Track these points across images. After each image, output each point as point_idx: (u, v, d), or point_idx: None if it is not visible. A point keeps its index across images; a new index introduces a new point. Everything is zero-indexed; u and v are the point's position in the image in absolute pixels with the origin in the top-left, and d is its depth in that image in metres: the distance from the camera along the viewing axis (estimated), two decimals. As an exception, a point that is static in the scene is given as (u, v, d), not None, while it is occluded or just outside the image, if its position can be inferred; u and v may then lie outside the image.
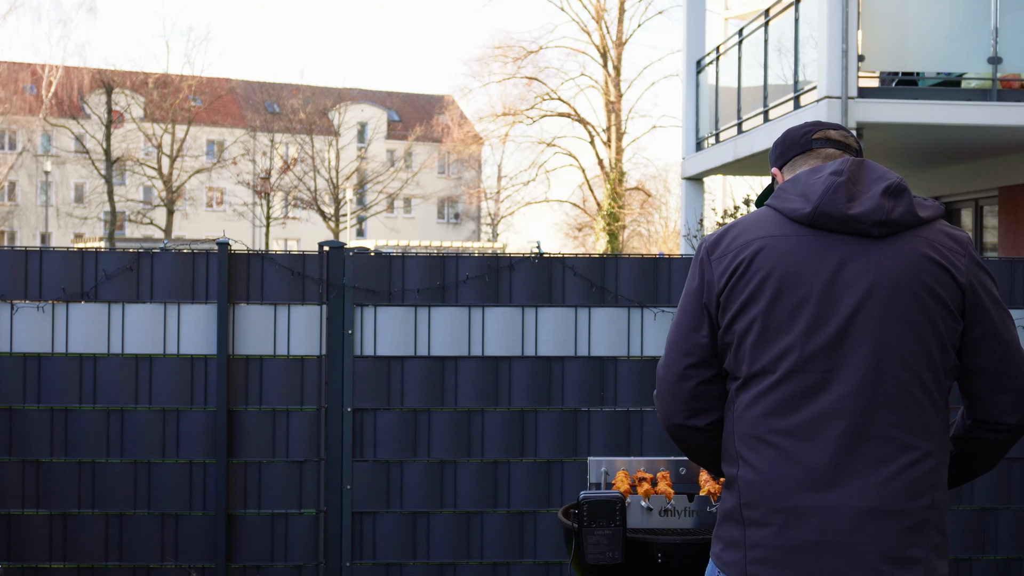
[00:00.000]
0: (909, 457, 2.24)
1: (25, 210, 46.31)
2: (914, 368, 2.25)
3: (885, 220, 2.25)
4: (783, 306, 2.25)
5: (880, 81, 10.81)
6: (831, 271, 2.24)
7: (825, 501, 2.19)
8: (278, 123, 43.88)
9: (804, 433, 2.21)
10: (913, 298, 2.23)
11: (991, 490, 5.33)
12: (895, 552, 2.20)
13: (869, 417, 2.21)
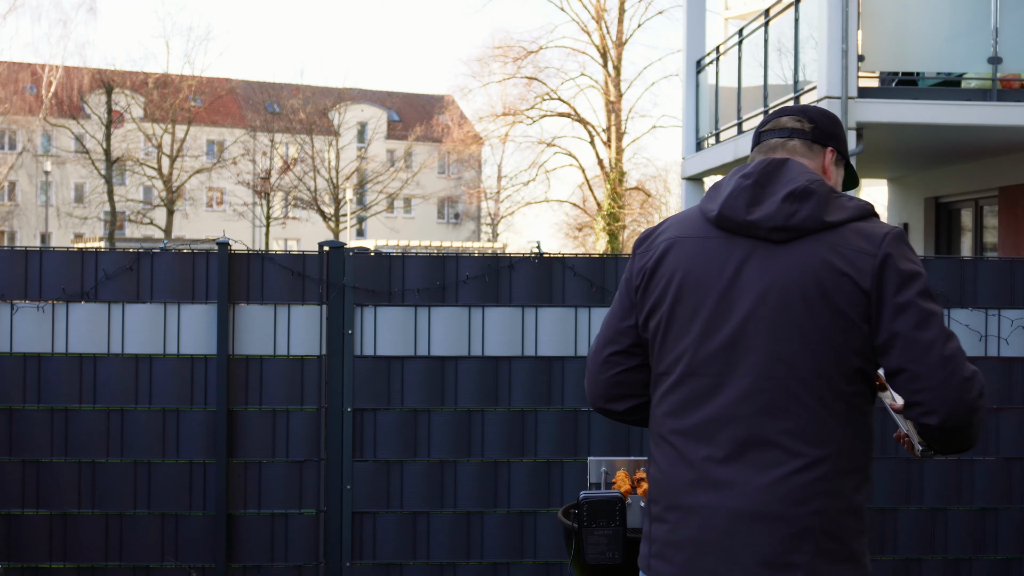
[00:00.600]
0: (796, 464, 2.23)
1: (25, 210, 46.32)
2: (803, 376, 2.23)
3: (783, 225, 2.27)
4: (684, 308, 2.32)
5: (880, 81, 10.81)
6: (730, 275, 2.28)
7: (707, 501, 2.25)
8: (278, 123, 43.89)
9: (698, 435, 2.28)
10: (804, 305, 2.23)
11: (991, 490, 5.33)
12: (773, 556, 2.21)
13: (757, 423, 2.24)
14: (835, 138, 2.48)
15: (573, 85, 40.09)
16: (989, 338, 5.34)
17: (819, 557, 2.22)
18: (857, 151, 9.87)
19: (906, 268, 2.24)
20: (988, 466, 5.35)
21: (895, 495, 5.32)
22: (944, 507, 5.33)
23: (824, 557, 2.23)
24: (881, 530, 5.32)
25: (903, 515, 5.32)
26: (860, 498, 2.30)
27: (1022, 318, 5.34)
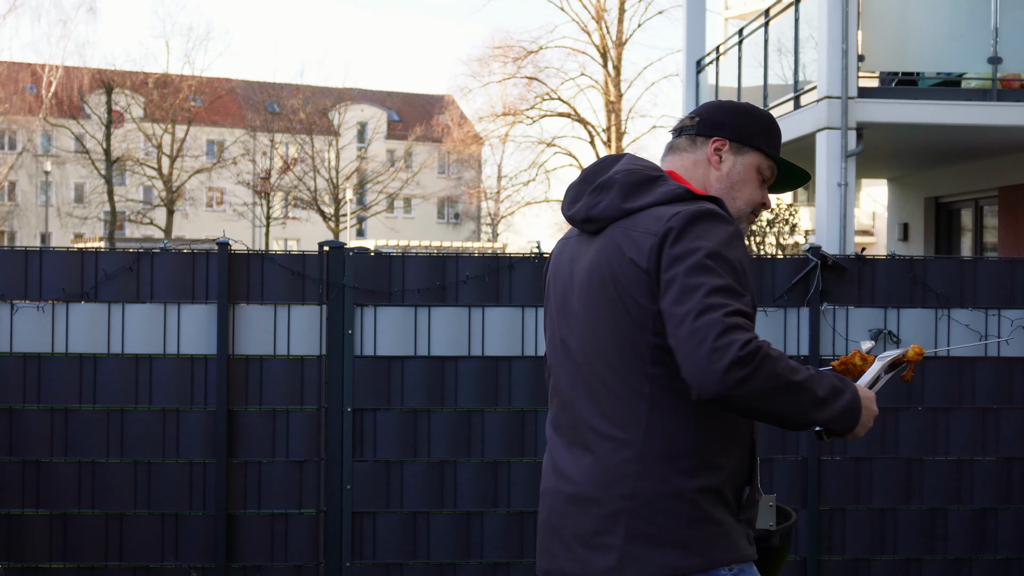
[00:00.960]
0: (606, 447, 2.31)
1: (25, 210, 46.28)
2: (607, 360, 2.31)
3: (587, 216, 2.39)
4: (549, 307, 2.52)
5: (880, 81, 10.80)
6: (568, 272, 2.45)
7: (552, 485, 2.42)
8: (278, 123, 43.85)
9: (554, 424, 2.47)
10: (600, 291, 2.32)
11: (991, 490, 5.33)
12: (589, 537, 2.31)
13: (581, 409, 2.36)
14: (722, 127, 2.48)
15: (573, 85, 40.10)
16: (989, 338, 5.34)
17: (634, 540, 2.26)
18: (857, 151, 9.87)
19: (682, 244, 2.23)
20: (988, 466, 5.34)
21: (895, 495, 5.32)
22: (944, 507, 5.33)
23: (640, 541, 2.26)
24: (881, 530, 5.32)
25: (903, 515, 5.32)
26: (693, 483, 2.27)
27: (1022, 318, 5.34)
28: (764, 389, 2.13)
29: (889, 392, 5.30)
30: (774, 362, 2.14)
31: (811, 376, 2.20)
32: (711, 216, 2.28)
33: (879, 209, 24.45)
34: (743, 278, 2.25)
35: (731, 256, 2.23)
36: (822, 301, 5.31)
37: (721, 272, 2.20)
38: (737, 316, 2.15)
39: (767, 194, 2.55)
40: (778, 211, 12.95)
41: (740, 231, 2.35)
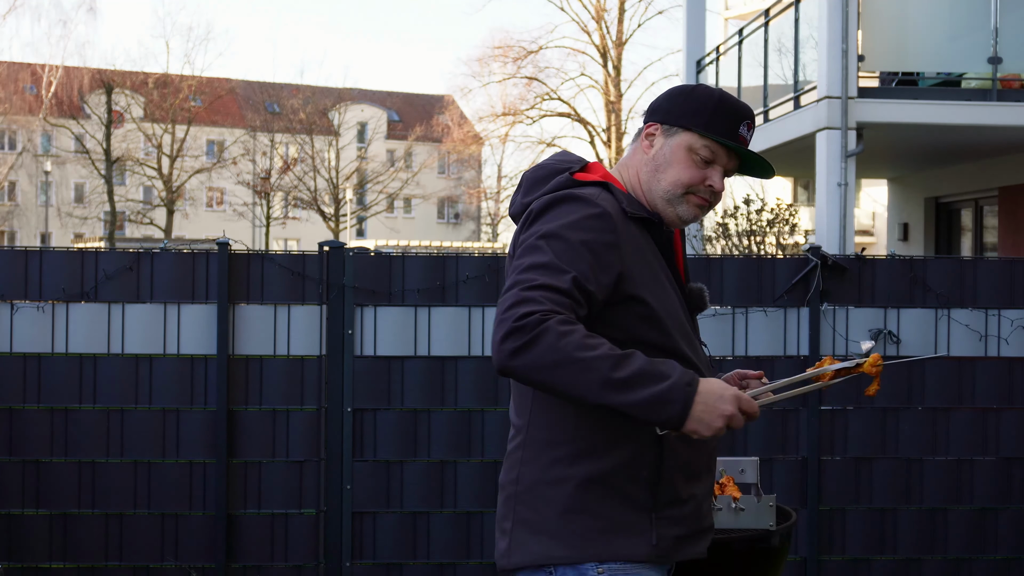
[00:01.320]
0: (510, 434, 2.41)
1: (25, 210, 46.28)
2: None
3: (513, 213, 2.44)
4: None
5: (880, 81, 10.81)
6: None
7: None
8: (278, 123, 43.84)
9: None
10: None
11: (991, 490, 5.33)
12: (498, 521, 2.39)
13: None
14: (656, 111, 2.44)
15: (573, 85, 40.14)
16: (989, 338, 5.34)
17: (520, 526, 2.30)
18: (857, 151, 9.87)
19: (530, 229, 2.26)
20: (988, 466, 5.34)
21: (895, 495, 5.32)
22: (944, 507, 5.33)
23: (523, 527, 2.29)
24: (881, 530, 5.32)
25: (903, 515, 5.32)
26: (573, 472, 2.25)
27: (1022, 318, 5.34)
28: (540, 362, 2.07)
29: (889, 392, 5.31)
30: (558, 336, 2.07)
31: (610, 356, 2.08)
32: (568, 200, 2.28)
33: (879, 209, 24.45)
34: (581, 258, 2.19)
35: (572, 236, 2.21)
36: (822, 301, 5.31)
37: (548, 251, 2.19)
38: (538, 290, 2.13)
39: (713, 175, 2.39)
40: (778, 211, 12.94)
41: (603, 213, 2.26)
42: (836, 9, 9.85)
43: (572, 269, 2.17)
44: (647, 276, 2.31)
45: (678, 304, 2.39)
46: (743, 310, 5.30)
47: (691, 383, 2.11)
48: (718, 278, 5.29)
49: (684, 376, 2.12)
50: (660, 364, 2.12)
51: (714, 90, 2.44)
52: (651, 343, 2.28)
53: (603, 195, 2.33)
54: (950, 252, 13.60)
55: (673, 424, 2.10)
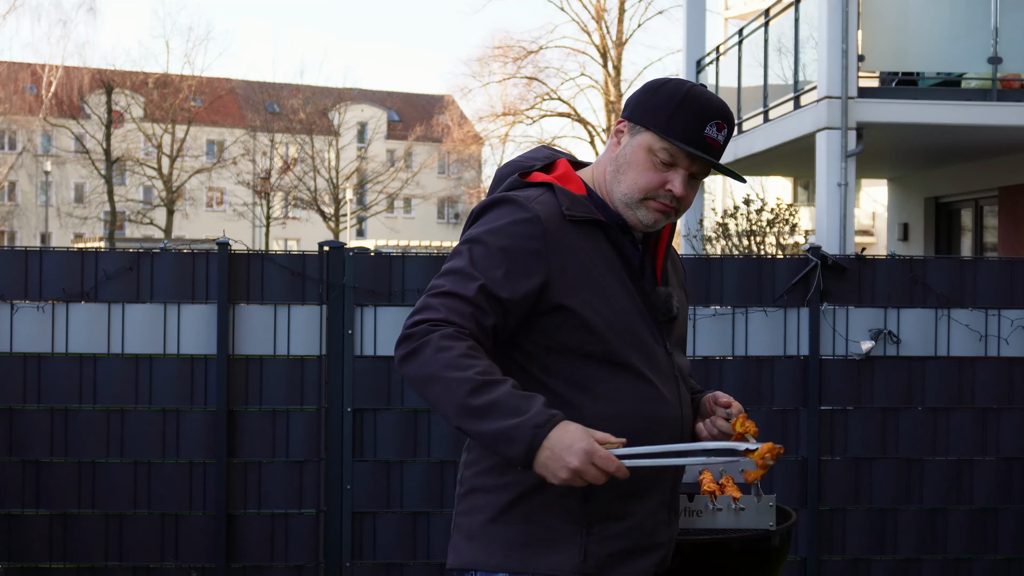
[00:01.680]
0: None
1: (25, 210, 46.28)
2: None
3: None
4: None
5: (880, 81, 10.81)
6: None
7: None
8: (278, 123, 43.84)
9: None
10: None
11: (991, 490, 5.33)
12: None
13: None
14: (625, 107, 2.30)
15: (573, 85, 40.12)
16: (989, 338, 5.34)
17: (457, 529, 2.30)
18: (857, 151, 9.87)
19: (467, 231, 2.23)
20: (988, 466, 5.34)
21: (895, 495, 5.32)
22: (944, 507, 5.33)
23: (459, 530, 2.29)
24: (881, 530, 5.32)
25: (903, 515, 5.32)
26: (503, 481, 2.21)
27: (1022, 318, 5.34)
28: (417, 374, 2.06)
29: (889, 392, 5.31)
30: (435, 350, 2.03)
31: (472, 381, 2.01)
32: (502, 203, 2.22)
33: (879, 209, 24.45)
34: (496, 264, 2.14)
35: (493, 242, 2.16)
36: (822, 301, 5.31)
37: (466, 255, 2.16)
38: (440, 297, 2.11)
39: (674, 179, 2.22)
40: (778, 211, 12.94)
41: (532, 219, 2.17)
42: (836, 9, 9.86)
43: (482, 276, 2.12)
44: (583, 283, 2.19)
45: (631, 311, 2.25)
46: (743, 310, 5.30)
47: (541, 425, 1.98)
48: (718, 278, 5.29)
49: (537, 417, 1.99)
50: (523, 398, 2.01)
51: (684, 86, 2.24)
52: (587, 353, 2.19)
53: (543, 197, 2.22)
54: (950, 252, 13.61)
55: (520, 463, 2.01)
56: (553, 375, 2.20)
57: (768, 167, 14.87)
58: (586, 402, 2.19)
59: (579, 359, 2.19)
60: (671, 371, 2.32)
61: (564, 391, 2.20)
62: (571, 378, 2.20)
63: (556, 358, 2.20)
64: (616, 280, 2.24)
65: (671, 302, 2.33)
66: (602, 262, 2.24)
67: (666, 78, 2.29)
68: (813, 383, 5.27)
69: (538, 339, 2.19)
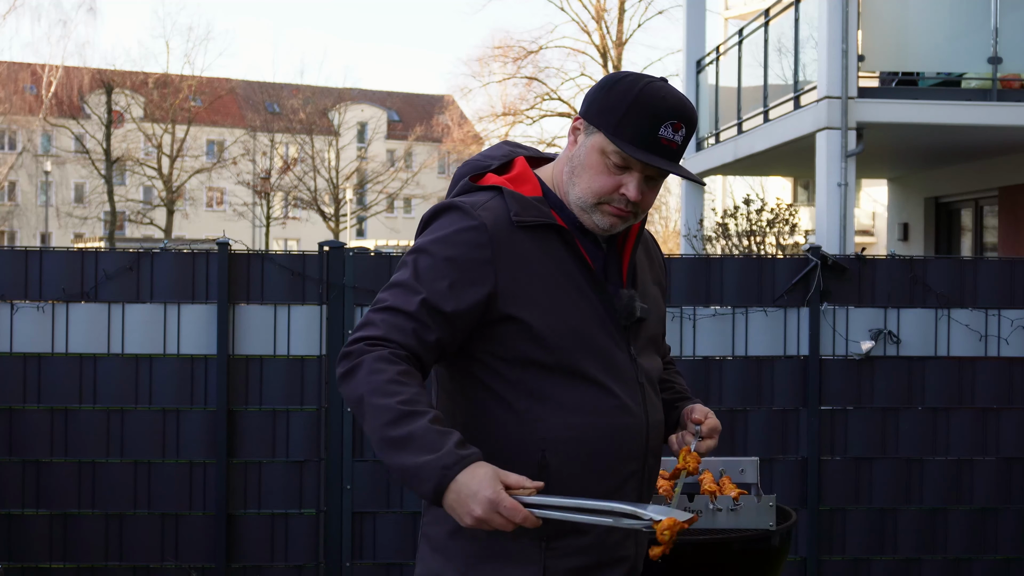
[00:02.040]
0: None
1: (25, 210, 46.28)
2: None
3: None
4: None
5: (880, 81, 10.81)
6: None
7: None
8: (278, 123, 43.83)
9: None
10: None
11: (991, 490, 5.33)
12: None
13: None
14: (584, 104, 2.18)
15: (573, 85, 40.09)
16: (989, 338, 5.34)
17: (423, 539, 2.26)
18: (857, 151, 9.88)
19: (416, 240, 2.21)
20: (988, 466, 5.34)
21: (895, 495, 5.32)
22: (944, 507, 5.33)
23: (425, 540, 2.25)
24: (881, 530, 5.32)
25: (903, 515, 5.32)
26: None
27: (1022, 318, 5.34)
28: (350, 396, 2.03)
29: (889, 392, 5.31)
30: (367, 373, 2.00)
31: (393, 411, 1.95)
32: (448, 210, 2.15)
33: (879, 209, 24.45)
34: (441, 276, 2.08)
35: (439, 252, 2.10)
36: (822, 301, 5.30)
37: (412, 267, 2.13)
38: (382, 313, 2.11)
39: (629, 182, 2.11)
40: (778, 211, 12.94)
41: (477, 227, 2.10)
42: (836, 9, 9.86)
43: (426, 289, 2.08)
44: (533, 292, 2.11)
45: (589, 316, 2.16)
46: (743, 310, 5.30)
47: (449, 467, 1.90)
48: (718, 278, 5.29)
49: (446, 458, 1.90)
50: (438, 435, 1.93)
51: (639, 83, 2.11)
52: (540, 363, 2.12)
53: (491, 203, 2.14)
54: (950, 252, 13.61)
55: (430, 502, 1.95)
56: (508, 386, 2.13)
57: (768, 167, 14.87)
58: (543, 413, 2.12)
59: (533, 369, 2.12)
60: (634, 377, 2.22)
61: (518, 403, 2.13)
62: (526, 389, 2.13)
63: (510, 368, 2.13)
64: (571, 285, 2.15)
65: (634, 304, 2.21)
66: (556, 267, 2.14)
67: (624, 73, 2.15)
68: (813, 383, 5.27)
69: (490, 349, 2.13)
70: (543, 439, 2.11)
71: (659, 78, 2.14)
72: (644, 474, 2.24)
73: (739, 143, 12.20)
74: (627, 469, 2.19)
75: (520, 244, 2.12)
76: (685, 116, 2.10)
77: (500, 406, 2.13)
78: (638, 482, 2.23)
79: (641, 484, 2.24)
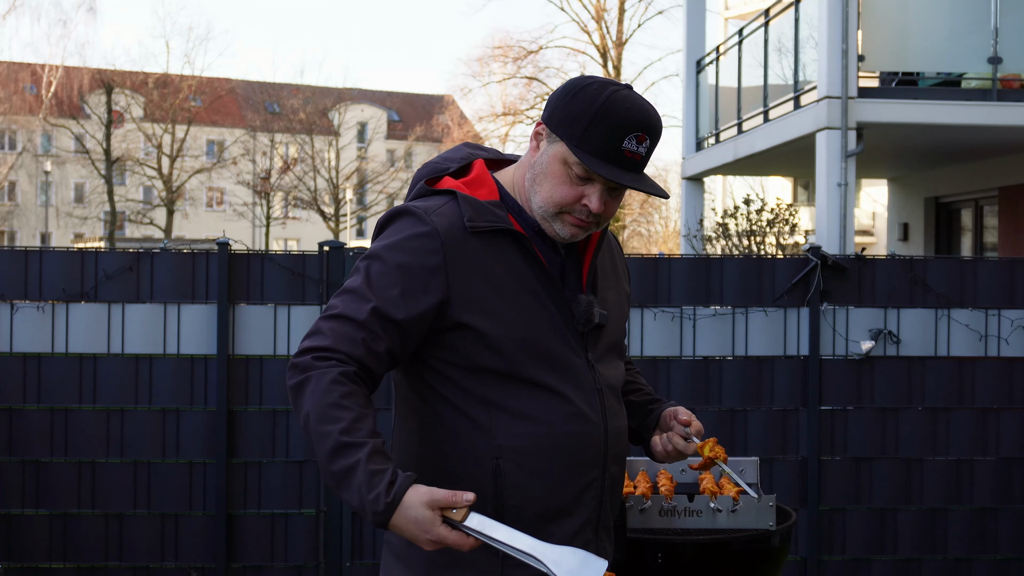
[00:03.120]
0: None
1: (25, 210, 46.29)
2: None
3: None
4: None
5: (880, 81, 10.81)
6: None
7: None
8: (278, 123, 43.85)
9: None
10: None
11: (991, 490, 5.33)
12: None
13: None
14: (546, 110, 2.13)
15: (573, 85, 40.13)
16: (989, 338, 5.34)
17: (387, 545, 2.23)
18: (857, 151, 9.88)
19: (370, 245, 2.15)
20: (988, 466, 5.34)
21: (895, 495, 5.32)
22: (944, 507, 5.33)
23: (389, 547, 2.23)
24: (881, 530, 5.32)
25: (903, 515, 5.32)
26: None
27: (1022, 318, 5.34)
28: (297, 412, 1.99)
29: (889, 392, 5.31)
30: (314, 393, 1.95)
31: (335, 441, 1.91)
32: (402, 215, 2.12)
33: (879, 209, 24.46)
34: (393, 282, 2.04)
35: (391, 258, 2.06)
36: (822, 301, 5.30)
37: (364, 273, 2.07)
38: (332, 321, 2.02)
39: (591, 194, 2.08)
40: (778, 211, 12.95)
41: (430, 233, 2.06)
42: (836, 9, 9.86)
43: (376, 297, 2.02)
44: (485, 299, 2.08)
45: (544, 323, 2.12)
46: (743, 310, 5.30)
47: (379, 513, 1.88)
48: (718, 278, 5.29)
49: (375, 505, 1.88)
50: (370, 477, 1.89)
51: (603, 92, 2.06)
52: (494, 370, 2.09)
53: (444, 208, 2.10)
54: (950, 252, 13.61)
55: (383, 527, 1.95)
56: (461, 394, 2.10)
57: (768, 167, 14.87)
58: (497, 422, 2.09)
59: (486, 377, 2.09)
60: (592, 384, 2.17)
61: (472, 411, 2.10)
62: (480, 397, 2.10)
63: (463, 376, 2.10)
64: (526, 292, 2.11)
65: (592, 310, 2.16)
66: (509, 274, 2.10)
67: (588, 79, 2.10)
68: (813, 383, 5.27)
69: (443, 356, 2.10)
70: (498, 447, 2.08)
71: (624, 86, 2.09)
72: (605, 481, 2.20)
73: (739, 143, 12.20)
74: (586, 477, 2.16)
75: (473, 250, 2.08)
76: (650, 127, 2.05)
77: (453, 413, 2.10)
78: (598, 490, 2.19)
79: (602, 492, 2.20)
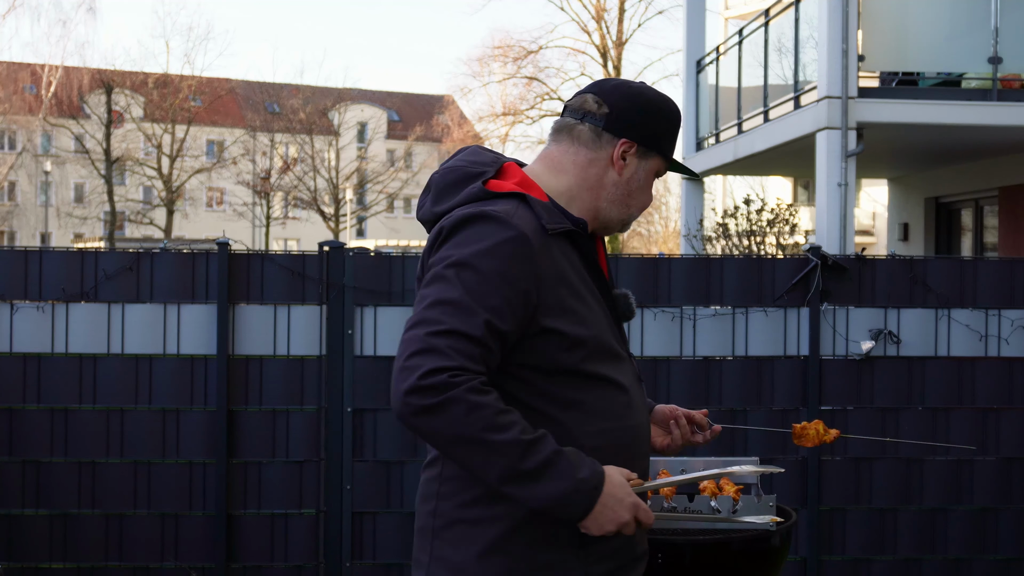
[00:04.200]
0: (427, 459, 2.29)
1: (25, 210, 46.28)
2: None
3: (422, 219, 2.29)
4: None
5: (880, 81, 10.81)
6: None
7: None
8: (278, 123, 43.83)
9: None
10: None
11: (991, 490, 5.33)
12: (415, 552, 2.26)
13: None
14: (633, 128, 2.21)
15: (573, 85, 40.09)
16: (989, 338, 5.34)
17: (438, 563, 2.16)
18: (857, 151, 9.87)
19: (441, 251, 2.07)
20: (988, 466, 5.34)
21: (895, 495, 5.32)
22: (944, 507, 5.33)
23: (441, 564, 2.15)
24: (881, 530, 5.32)
25: (903, 515, 5.32)
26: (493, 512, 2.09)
27: (1022, 318, 5.34)
28: (444, 433, 1.94)
29: (889, 392, 5.31)
30: (467, 410, 1.92)
31: (519, 443, 1.93)
32: (481, 219, 2.05)
33: (879, 209, 24.45)
34: (494, 291, 2.00)
35: (484, 266, 2.00)
36: (822, 301, 5.30)
37: (457, 284, 1.99)
38: (443, 337, 1.94)
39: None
40: (778, 211, 12.94)
41: (519, 237, 2.03)
42: (836, 9, 9.85)
43: (484, 309, 1.97)
44: (568, 300, 2.11)
45: (602, 318, 2.19)
46: (743, 310, 5.30)
47: (598, 487, 1.97)
48: (718, 278, 5.29)
49: (592, 479, 1.97)
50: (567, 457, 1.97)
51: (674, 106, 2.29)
52: (569, 370, 2.11)
53: (520, 211, 2.08)
54: (950, 252, 13.60)
55: (577, 521, 2.00)
56: (539, 396, 2.11)
57: (768, 167, 14.87)
58: (573, 420, 2.11)
59: (562, 377, 2.11)
60: (636, 376, 2.28)
61: (550, 410, 2.11)
62: (558, 397, 2.11)
63: (542, 379, 2.10)
64: (588, 291, 2.18)
65: (630, 302, 2.30)
66: (576, 274, 2.16)
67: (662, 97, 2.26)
68: (813, 383, 5.27)
69: (519, 359, 2.09)
70: (581, 446, 2.09)
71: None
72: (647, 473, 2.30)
73: (739, 143, 12.20)
74: (639, 468, 2.22)
75: (552, 253, 2.10)
76: None
77: (534, 416, 2.08)
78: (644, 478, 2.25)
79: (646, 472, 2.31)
